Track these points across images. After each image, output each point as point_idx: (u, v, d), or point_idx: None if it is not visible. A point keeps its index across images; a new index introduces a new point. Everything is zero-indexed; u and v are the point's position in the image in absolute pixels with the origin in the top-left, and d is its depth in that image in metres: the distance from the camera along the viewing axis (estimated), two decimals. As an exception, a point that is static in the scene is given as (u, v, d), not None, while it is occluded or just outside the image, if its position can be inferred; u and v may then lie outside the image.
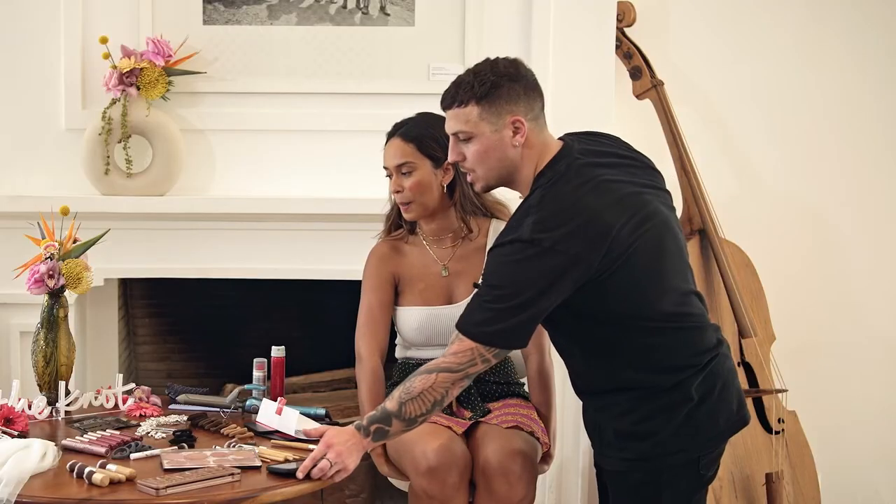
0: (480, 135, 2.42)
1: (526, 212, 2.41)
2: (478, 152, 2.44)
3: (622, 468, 2.53)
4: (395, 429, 2.43)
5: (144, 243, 3.57)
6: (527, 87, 2.44)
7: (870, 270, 3.91)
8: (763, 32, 3.82)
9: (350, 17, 3.66)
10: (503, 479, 2.74)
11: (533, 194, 2.44)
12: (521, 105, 2.42)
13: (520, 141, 2.42)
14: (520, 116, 2.41)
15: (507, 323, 2.38)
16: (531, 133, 2.43)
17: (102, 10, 3.61)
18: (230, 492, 2.42)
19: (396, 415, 2.42)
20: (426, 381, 2.41)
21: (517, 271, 2.36)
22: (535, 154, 2.45)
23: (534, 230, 2.35)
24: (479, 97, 2.40)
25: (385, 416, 2.43)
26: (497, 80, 2.40)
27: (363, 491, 3.81)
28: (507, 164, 2.45)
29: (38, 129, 3.64)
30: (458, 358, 2.41)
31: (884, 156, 3.87)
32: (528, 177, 2.46)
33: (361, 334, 3.03)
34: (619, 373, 2.49)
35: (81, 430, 2.82)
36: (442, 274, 3.04)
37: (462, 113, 2.43)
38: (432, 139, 2.96)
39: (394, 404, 2.43)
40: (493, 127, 2.41)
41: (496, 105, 2.40)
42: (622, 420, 2.50)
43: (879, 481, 3.95)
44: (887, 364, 3.91)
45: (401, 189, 2.97)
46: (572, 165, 2.44)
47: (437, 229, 3.06)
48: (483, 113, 2.41)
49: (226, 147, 3.68)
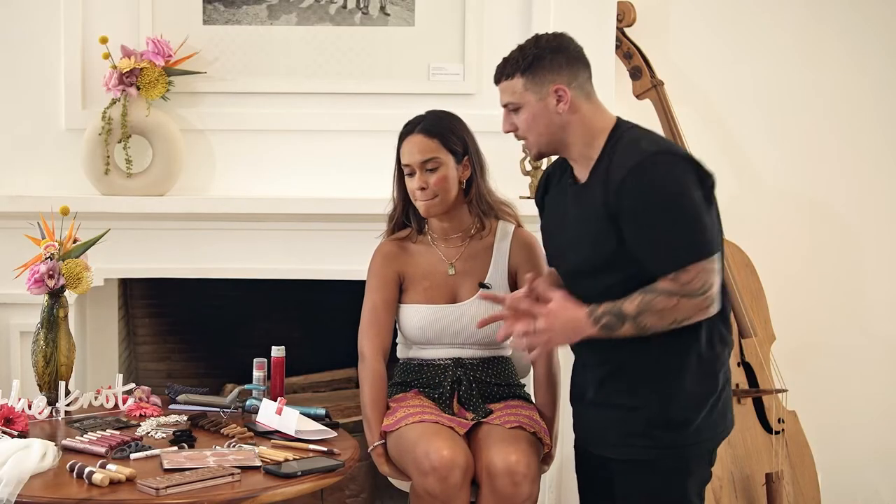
0: (526, 104, 2.54)
1: (628, 144, 2.48)
2: (526, 120, 2.56)
3: (650, 457, 2.53)
4: (624, 330, 2.42)
5: (144, 243, 3.57)
6: (570, 58, 2.55)
7: (870, 270, 3.91)
8: (763, 32, 3.82)
9: (350, 17, 3.66)
10: (508, 479, 2.74)
11: (620, 138, 2.52)
12: (563, 75, 2.52)
13: (564, 108, 2.52)
14: (562, 85, 2.52)
15: (704, 226, 2.42)
16: (576, 100, 2.53)
17: (102, 10, 3.61)
18: (230, 492, 2.42)
19: (633, 319, 2.41)
20: (668, 302, 2.40)
21: (666, 183, 2.41)
22: (583, 120, 2.54)
23: (660, 146, 2.48)
24: (523, 69, 2.54)
25: (620, 315, 2.42)
26: (539, 53, 2.53)
27: (363, 491, 3.81)
28: (555, 130, 2.54)
29: (38, 129, 3.64)
30: (692, 285, 2.40)
31: (884, 156, 3.87)
32: (581, 142, 2.55)
33: (365, 333, 3.02)
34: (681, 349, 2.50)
35: (81, 430, 2.82)
36: (449, 273, 3.04)
37: (509, 85, 2.56)
38: (453, 133, 2.99)
39: (633, 309, 2.41)
40: (538, 96, 2.53)
41: (539, 76, 2.52)
42: (660, 406, 2.51)
43: (879, 481, 3.95)
44: (887, 364, 3.91)
45: (426, 185, 2.95)
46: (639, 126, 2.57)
47: (448, 228, 3.06)
48: (527, 83, 2.53)
49: (226, 147, 3.68)
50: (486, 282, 3.03)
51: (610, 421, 2.58)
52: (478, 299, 3.00)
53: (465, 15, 3.64)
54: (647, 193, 2.41)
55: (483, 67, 3.66)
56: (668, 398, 2.51)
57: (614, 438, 2.58)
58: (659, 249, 2.42)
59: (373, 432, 2.93)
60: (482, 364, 3.03)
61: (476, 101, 3.64)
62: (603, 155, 2.52)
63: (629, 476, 2.59)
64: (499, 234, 3.07)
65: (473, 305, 3.01)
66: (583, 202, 2.55)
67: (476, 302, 3.01)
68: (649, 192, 2.41)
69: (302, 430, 2.81)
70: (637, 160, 2.43)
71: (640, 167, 2.42)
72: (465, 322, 3.00)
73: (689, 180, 2.43)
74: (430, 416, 2.86)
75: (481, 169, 3.04)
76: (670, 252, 2.41)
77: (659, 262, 2.42)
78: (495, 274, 3.04)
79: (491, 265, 3.04)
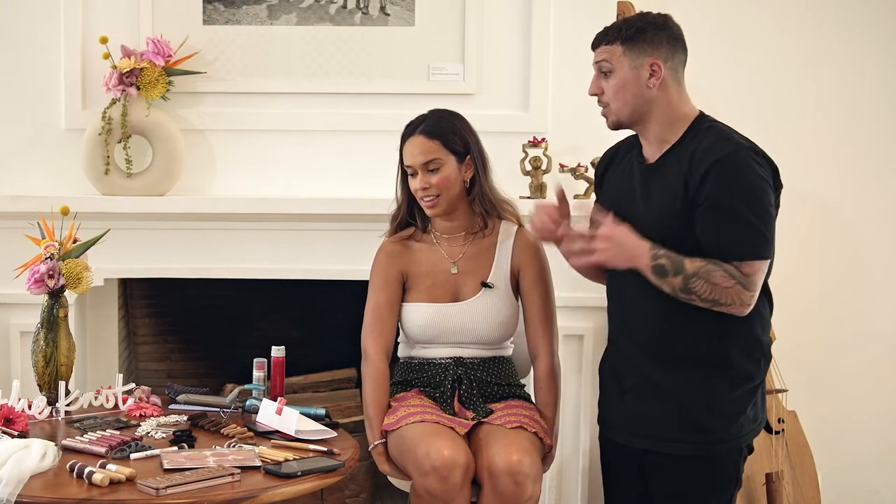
0: (619, 69, 2.59)
1: (722, 134, 2.56)
2: (615, 87, 2.60)
3: (703, 453, 2.57)
4: (672, 280, 2.50)
5: (144, 243, 3.57)
6: (671, 38, 2.61)
7: (870, 270, 3.91)
8: (763, 33, 3.82)
9: (350, 17, 3.66)
10: (510, 479, 2.74)
11: (711, 126, 2.59)
12: (661, 51, 2.58)
13: (654, 83, 2.58)
14: (658, 60, 2.57)
15: (772, 229, 2.54)
16: (668, 79, 2.59)
17: (102, 10, 3.62)
18: (230, 492, 2.42)
19: (685, 275, 2.49)
20: (725, 281, 2.48)
21: (753, 179, 2.49)
22: (669, 101, 2.60)
23: (751, 143, 2.55)
24: (624, 38, 2.59)
25: (678, 265, 2.49)
26: (643, 27, 2.59)
27: (363, 491, 3.81)
28: (641, 103, 2.59)
29: (38, 129, 3.64)
30: (751, 279, 2.50)
31: (884, 156, 3.87)
32: (662, 122, 2.60)
33: (368, 332, 3.03)
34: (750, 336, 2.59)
35: (81, 430, 2.82)
36: (451, 271, 3.04)
37: (608, 49, 2.61)
38: (454, 133, 2.99)
39: (693, 268, 2.48)
40: (633, 64, 2.58)
41: (639, 47, 2.58)
42: (718, 397, 2.56)
43: (879, 481, 3.95)
44: (887, 364, 3.91)
45: (428, 186, 2.97)
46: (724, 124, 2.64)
47: (451, 227, 3.06)
48: (626, 52, 2.58)
49: (226, 147, 3.68)
50: (489, 281, 3.03)
51: (657, 414, 2.61)
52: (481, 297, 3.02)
53: (465, 15, 3.64)
54: (732, 183, 2.48)
55: (483, 67, 3.66)
56: (723, 388, 2.56)
57: (669, 430, 2.59)
58: (732, 237, 2.49)
59: (374, 431, 2.93)
60: (483, 364, 3.03)
61: (476, 101, 3.65)
62: (683, 141, 2.58)
63: (674, 472, 2.61)
64: (501, 233, 3.07)
65: (476, 304, 3.01)
66: (654, 182, 2.60)
67: (478, 300, 3.02)
68: (735, 182, 2.48)
69: (302, 430, 2.81)
70: (730, 151, 2.50)
71: (732, 158, 2.49)
72: (468, 321, 3.00)
73: (770, 182, 2.53)
74: (430, 416, 2.86)
75: (484, 168, 3.04)
76: (739, 244, 2.49)
77: (727, 250, 2.49)
78: (498, 273, 3.04)
79: (493, 264, 3.04)
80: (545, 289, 3.05)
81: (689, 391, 2.57)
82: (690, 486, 2.61)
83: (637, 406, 2.64)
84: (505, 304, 3.03)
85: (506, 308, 3.03)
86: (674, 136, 2.59)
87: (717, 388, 2.57)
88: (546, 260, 3.08)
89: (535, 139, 3.59)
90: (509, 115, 3.66)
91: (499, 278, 3.04)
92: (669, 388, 2.58)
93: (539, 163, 3.59)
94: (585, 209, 3.50)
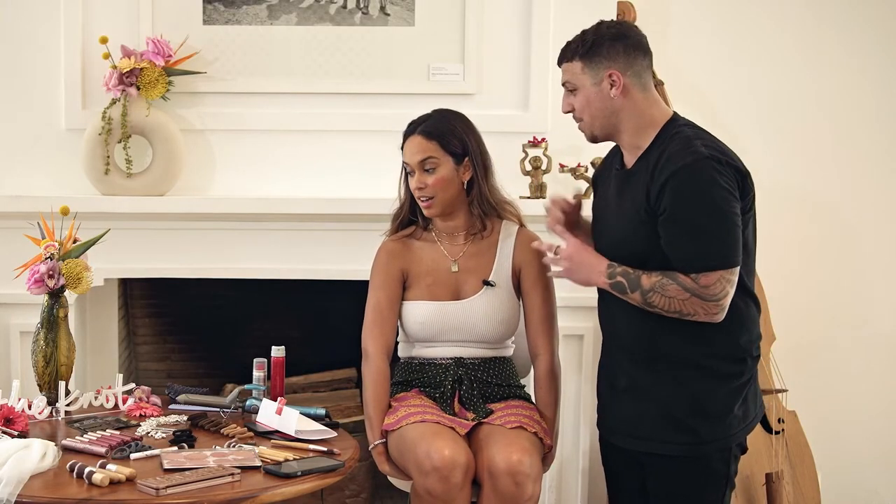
0: (582, 87, 2.65)
1: (685, 142, 2.56)
2: (581, 103, 2.67)
3: (692, 454, 2.60)
4: (632, 296, 2.57)
5: (144, 243, 3.56)
6: (627, 46, 2.64)
7: (870, 270, 3.91)
8: (763, 33, 3.82)
9: (350, 17, 3.66)
10: (510, 479, 2.74)
11: (677, 133, 2.60)
12: (619, 61, 2.62)
13: (615, 93, 2.61)
14: (616, 70, 2.61)
15: (735, 238, 2.52)
16: (631, 87, 2.62)
17: (102, 10, 3.61)
18: (230, 492, 2.42)
19: (643, 291, 2.55)
20: (680, 294, 2.52)
21: (710, 189, 2.50)
22: (636, 108, 2.64)
23: (713, 150, 2.54)
24: (581, 54, 2.65)
25: (635, 282, 2.56)
26: (598, 40, 2.64)
27: (363, 491, 3.81)
28: (608, 114, 2.64)
29: (38, 129, 3.64)
30: (710, 290, 2.51)
31: (884, 156, 3.87)
32: (632, 129, 2.65)
33: (369, 332, 3.02)
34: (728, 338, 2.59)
35: (81, 430, 2.82)
36: (451, 270, 3.04)
37: (569, 67, 2.68)
38: (453, 135, 2.99)
39: (648, 283, 2.54)
40: (593, 80, 2.63)
41: (595, 61, 2.63)
42: (703, 397, 2.58)
43: (879, 481, 3.95)
44: (887, 364, 3.91)
45: (424, 186, 2.98)
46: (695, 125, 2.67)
47: (450, 226, 3.06)
48: (585, 67, 2.64)
49: (226, 147, 3.68)
50: (490, 279, 3.03)
51: (647, 415, 2.63)
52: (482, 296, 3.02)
53: (465, 15, 3.64)
54: (689, 195, 2.51)
55: (483, 67, 3.66)
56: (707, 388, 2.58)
57: (661, 431, 2.62)
58: (688, 250, 2.52)
59: (374, 431, 2.93)
60: (483, 364, 3.04)
61: (476, 101, 3.64)
62: (653, 146, 2.61)
63: (666, 472, 2.64)
64: (502, 232, 3.07)
65: (477, 302, 3.01)
66: (626, 188, 2.65)
67: (479, 299, 3.02)
68: (691, 193, 2.51)
69: (302, 430, 2.81)
70: (689, 160, 2.51)
71: (690, 168, 2.50)
72: (468, 319, 3.01)
73: (732, 190, 2.52)
74: (431, 416, 2.87)
75: (484, 170, 3.04)
76: (698, 255, 2.51)
77: (684, 262, 2.52)
78: (499, 272, 3.04)
79: (495, 263, 3.04)
80: (546, 289, 3.05)
81: (674, 393, 2.60)
82: (682, 487, 2.64)
83: (629, 408, 2.67)
84: (506, 303, 3.03)
85: (507, 306, 3.03)
86: (645, 141, 2.63)
87: (700, 388, 2.59)
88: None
89: (535, 139, 3.59)
90: (509, 115, 3.66)
91: (500, 277, 3.04)
92: (655, 390, 2.62)
93: (539, 163, 3.59)
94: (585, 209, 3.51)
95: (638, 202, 2.58)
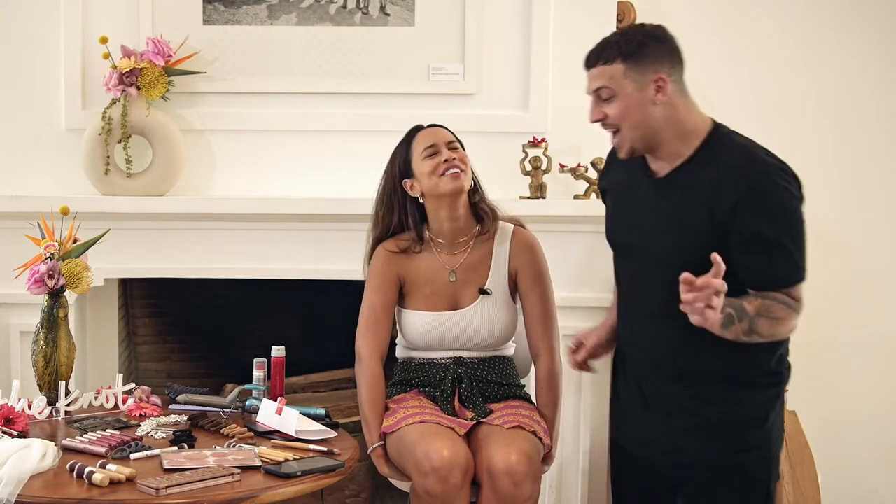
0: (622, 93, 2.42)
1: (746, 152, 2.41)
2: (620, 110, 2.43)
3: (735, 462, 2.48)
4: (738, 326, 2.32)
5: (144, 243, 3.57)
6: (671, 50, 2.45)
7: (870, 270, 3.91)
8: (763, 33, 3.82)
9: (350, 17, 3.66)
10: (508, 478, 2.74)
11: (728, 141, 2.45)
12: (665, 65, 2.43)
13: (661, 99, 2.42)
14: (663, 75, 2.41)
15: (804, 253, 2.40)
16: (674, 94, 2.43)
17: (102, 10, 3.61)
18: (230, 492, 2.42)
19: (750, 318, 2.33)
20: (784, 312, 2.37)
21: (789, 204, 2.37)
22: (678, 116, 2.44)
23: (776, 161, 2.40)
24: (625, 55, 2.41)
25: (741, 310, 2.32)
26: (643, 40, 2.43)
27: (363, 491, 3.81)
28: (650, 123, 2.43)
29: (38, 129, 3.64)
30: (801, 302, 2.40)
31: (884, 156, 3.87)
32: (674, 138, 2.45)
33: (362, 334, 3.02)
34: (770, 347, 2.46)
35: (81, 430, 2.82)
36: (449, 279, 3.04)
37: (606, 70, 2.43)
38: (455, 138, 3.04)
39: (753, 309, 2.33)
40: (637, 85, 2.41)
41: (641, 63, 2.41)
42: (742, 405, 2.47)
43: (879, 481, 3.95)
44: (887, 364, 3.91)
45: (454, 156, 2.97)
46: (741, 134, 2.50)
47: (454, 229, 3.05)
48: (628, 71, 2.41)
49: (226, 147, 3.68)
50: (487, 287, 3.03)
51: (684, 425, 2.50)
52: (479, 304, 3.01)
53: (465, 15, 3.64)
54: (772, 213, 2.36)
55: (483, 67, 3.66)
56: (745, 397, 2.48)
57: (695, 444, 2.49)
58: (776, 269, 2.37)
59: (372, 433, 2.93)
60: (483, 363, 3.04)
61: (476, 101, 3.64)
62: (700, 155, 2.44)
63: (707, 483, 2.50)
64: (498, 237, 3.07)
65: (474, 311, 3.02)
66: (669, 200, 2.45)
67: (476, 308, 3.02)
68: (774, 212, 2.36)
69: (302, 430, 2.81)
70: (760, 175, 2.37)
71: (766, 185, 2.36)
72: (466, 328, 3.01)
73: (800, 197, 2.40)
74: (429, 417, 2.86)
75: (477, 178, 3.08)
76: (788, 270, 2.38)
77: (773, 279, 2.38)
78: (495, 278, 3.04)
79: (491, 270, 3.04)
80: (544, 289, 3.05)
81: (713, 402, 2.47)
82: (724, 498, 2.51)
83: (664, 421, 2.52)
84: (503, 310, 3.03)
85: (504, 314, 3.03)
86: (686, 150, 2.45)
87: (740, 397, 2.47)
88: (544, 260, 3.08)
89: (535, 139, 3.59)
90: (509, 115, 3.66)
91: (497, 283, 3.04)
92: (692, 402, 2.48)
93: (539, 163, 3.59)
94: (586, 209, 3.51)
95: (695, 217, 2.39)
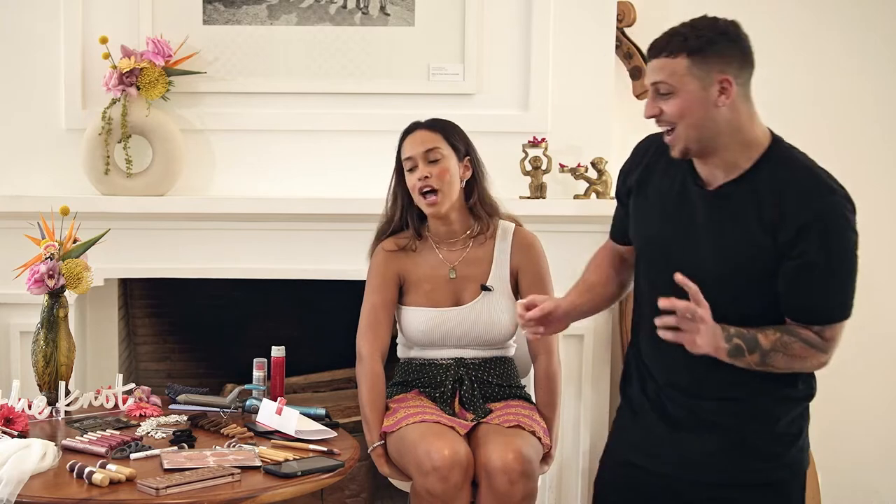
0: (683, 90, 2.27)
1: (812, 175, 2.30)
2: (679, 108, 2.28)
3: (783, 477, 2.41)
4: (749, 358, 2.25)
5: (144, 243, 3.57)
6: (743, 51, 2.30)
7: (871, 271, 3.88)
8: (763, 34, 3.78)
9: (350, 17, 3.66)
10: (505, 478, 2.74)
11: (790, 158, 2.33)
12: (733, 66, 2.27)
13: (724, 102, 2.26)
14: (730, 77, 2.26)
15: (853, 292, 2.30)
16: (738, 98, 2.28)
17: (102, 10, 3.61)
18: (230, 492, 2.42)
19: (762, 352, 2.25)
20: (804, 351, 2.28)
21: (851, 237, 2.27)
22: (740, 122, 2.30)
23: (835, 182, 2.29)
24: (691, 50, 2.26)
25: (753, 342, 2.25)
26: (714, 37, 2.27)
27: (363, 491, 3.81)
28: (710, 125, 2.28)
29: (38, 129, 3.64)
30: (831, 343, 2.30)
31: (884, 156, 3.87)
32: (734, 147, 2.31)
33: (363, 334, 3.02)
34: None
35: (81, 430, 2.82)
36: (449, 276, 3.04)
37: (670, 63, 2.27)
38: (456, 132, 3.02)
39: (768, 343, 2.25)
40: (700, 84, 2.26)
41: (708, 61, 2.25)
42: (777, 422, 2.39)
43: (879, 481, 3.95)
44: (888, 364, 3.91)
45: (428, 176, 2.96)
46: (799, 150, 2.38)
47: (448, 231, 3.05)
48: (692, 67, 2.26)
49: (226, 147, 3.68)
50: (488, 284, 3.03)
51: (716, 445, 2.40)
52: (481, 300, 3.01)
53: (465, 15, 3.64)
54: (834, 243, 2.25)
55: (483, 67, 3.66)
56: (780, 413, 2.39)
57: (726, 464, 2.40)
58: (819, 302, 2.28)
59: (372, 433, 2.93)
60: (484, 364, 3.03)
61: (476, 101, 3.64)
62: (759, 170, 2.31)
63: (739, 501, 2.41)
64: (499, 235, 3.07)
65: (475, 308, 3.01)
66: (722, 216, 2.33)
67: (478, 304, 3.02)
68: (837, 242, 2.25)
69: (302, 430, 2.81)
70: (829, 203, 2.25)
71: (835, 214, 2.25)
72: (468, 324, 3.01)
73: (857, 233, 2.29)
74: (430, 416, 2.87)
75: (482, 174, 3.05)
76: (829, 308, 2.29)
77: (811, 313, 2.29)
78: (497, 275, 3.04)
79: (492, 267, 3.04)
80: (544, 288, 3.05)
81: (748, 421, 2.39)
82: None
83: (695, 441, 2.41)
84: (505, 307, 3.03)
85: (506, 310, 3.03)
86: (745, 161, 2.31)
87: (775, 414, 2.40)
88: (545, 259, 3.08)
89: (535, 139, 3.59)
90: (509, 115, 3.66)
91: (498, 280, 3.04)
92: (725, 420, 2.39)
93: (539, 163, 3.59)
94: (586, 209, 3.51)
95: (749, 236, 2.28)
